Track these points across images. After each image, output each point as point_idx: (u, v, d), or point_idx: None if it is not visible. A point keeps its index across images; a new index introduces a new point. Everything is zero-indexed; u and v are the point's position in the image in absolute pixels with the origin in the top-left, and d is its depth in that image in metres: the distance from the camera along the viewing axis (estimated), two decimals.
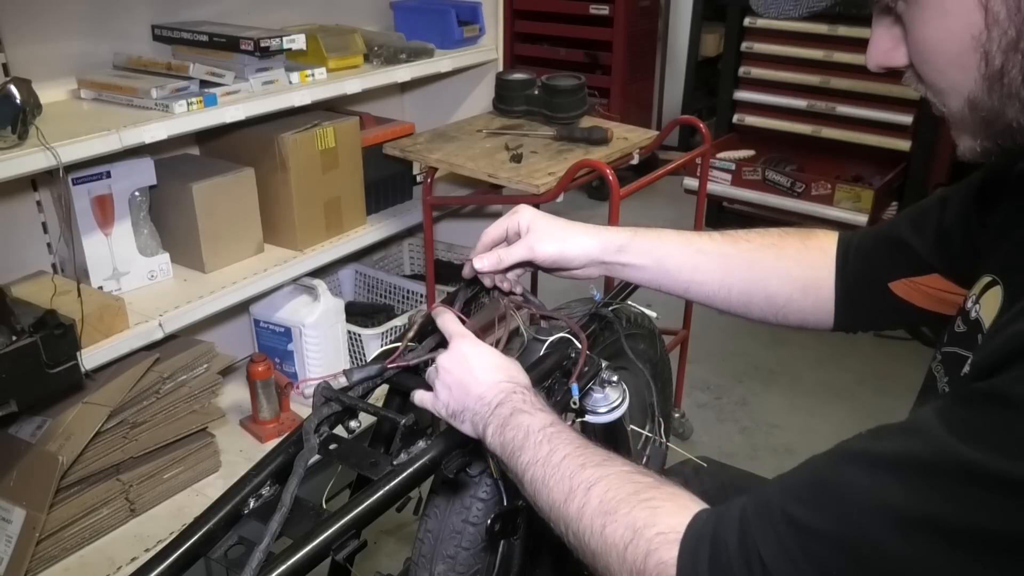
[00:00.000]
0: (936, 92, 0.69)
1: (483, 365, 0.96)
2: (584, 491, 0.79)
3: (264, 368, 2.06)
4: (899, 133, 3.08)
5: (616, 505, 0.76)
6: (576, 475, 0.80)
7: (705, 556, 0.68)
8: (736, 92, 3.42)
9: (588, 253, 1.09)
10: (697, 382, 2.87)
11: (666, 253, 1.08)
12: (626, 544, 0.73)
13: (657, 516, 0.74)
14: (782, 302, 1.06)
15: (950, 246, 0.91)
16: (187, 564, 0.96)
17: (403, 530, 2.11)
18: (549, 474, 0.82)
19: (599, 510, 0.77)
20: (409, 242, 2.88)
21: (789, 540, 0.64)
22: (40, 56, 1.76)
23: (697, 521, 0.71)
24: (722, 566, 0.67)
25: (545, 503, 0.82)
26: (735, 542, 0.67)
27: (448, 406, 0.97)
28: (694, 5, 4.74)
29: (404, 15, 2.47)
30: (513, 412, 0.90)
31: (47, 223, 1.88)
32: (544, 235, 1.09)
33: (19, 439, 1.67)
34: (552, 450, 0.84)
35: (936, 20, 0.64)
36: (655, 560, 0.71)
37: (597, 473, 0.80)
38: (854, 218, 3.03)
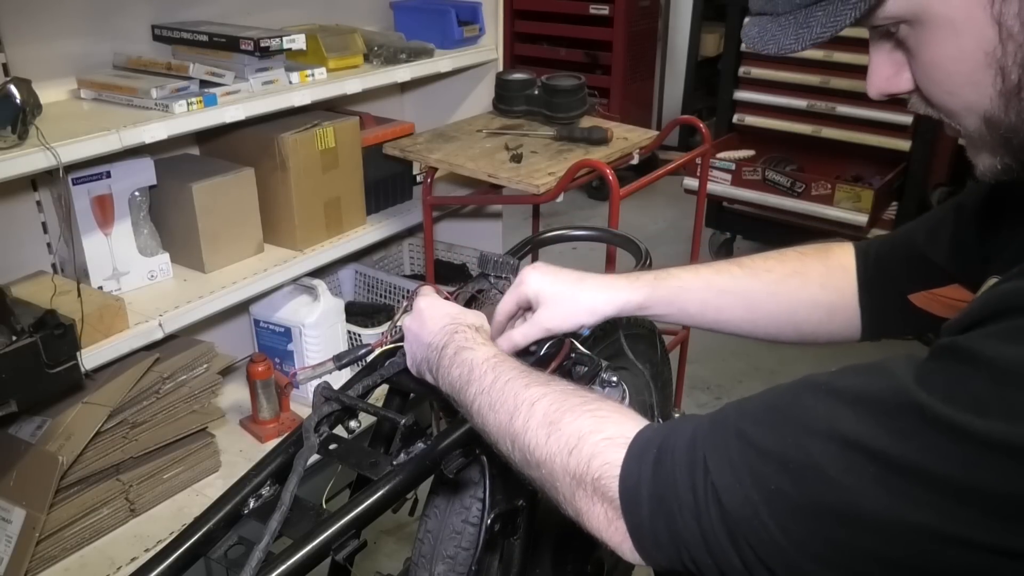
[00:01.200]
0: (948, 114, 0.67)
1: (432, 314, 0.99)
2: (528, 406, 0.79)
3: (264, 368, 2.06)
4: (899, 133, 3.08)
5: (561, 415, 0.76)
6: (520, 394, 0.81)
7: (650, 459, 0.68)
8: (736, 92, 3.42)
9: (604, 315, 1.04)
10: (697, 382, 2.87)
11: (688, 300, 1.05)
12: (570, 450, 0.73)
13: (604, 424, 0.74)
14: (811, 328, 1.04)
15: (966, 255, 0.89)
16: (187, 564, 0.96)
17: (403, 530, 2.11)
18: (495, 399, 0.83)
19: (543, 421, 0.77)
20: (409, 242, 2.88)
21: (736, 454, 0.64)
22: (40, 56, 1.76)
23: (647, 430, 0.72)
24: (666, 470, 0.67)
25: (493, 427, 0.83)
26: (683, 449, 0.67)
27: (415, 360, 1.01)
28: (694, 5, 4.75)
29: (404, 15, 2.47)
30: (457, 351, 0.92)
31: (47, 223, 1.88)
32: (556, 309, 1.03)
33: (19, 439, 1.67)
34: (496, 377, 0.85)
35: (946, 40, 0.63)
36: (599, 462, 0.71)
37: (542, 390, 0.80)
38: (854, 218, 3.03)
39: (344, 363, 1.15)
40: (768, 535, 0.61)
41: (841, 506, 0.58)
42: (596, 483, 0.71)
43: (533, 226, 2.77)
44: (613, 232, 1.56)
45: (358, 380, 1.15)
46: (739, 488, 0.63)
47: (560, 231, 1.54)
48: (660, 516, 0.66)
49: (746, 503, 0.62)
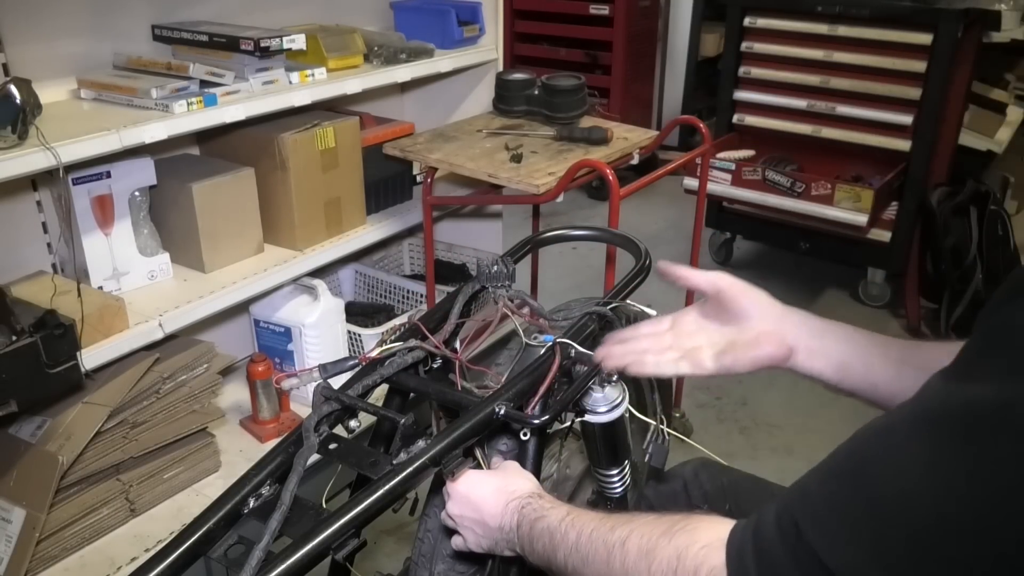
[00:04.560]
0: None
1: (484, 497, 0.99)
2: (620, 546, 0.81)
3: (264, 368, 2.06)
4: (899, 133, 3.07)
5: (655, 542, 0.78)
6: (608, 538, 0.83)
7: (750, 551, 0.70)
8: (736, 92, 3.42)
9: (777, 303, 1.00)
10: (697, 382, 2.86)
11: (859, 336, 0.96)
12: (674, 570, 0.75)
13: (696, 535, 0.76)
14: None
15: None
16: (187, 563, 0.96)
17: (403, 530, 2.11)
18: (584, 553, 0.85)
19: (640, 554, 0.79)
20: (409, 242, 2.88)
21: (821, 509, 0.66)
22: (40, 56, 1.76)
23: (737, 527, 0.74)
24: (766, 554, 0.68)
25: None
26: (773, 526, 0.69)
27: (482, 544, 1.00)
28: (694, 5, 4.75)
29: (404, 15, 2.47)
30: (532, 525, 0.93)
31: (47, 223, 1.88)
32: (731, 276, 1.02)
33: (19, 439, 1.67)
34: (579, 533, 0.87)
35: None
36: (705, 570, 0.73)
37: (626, 529, 0.82)
38: (854, 218, 3.03)
39: (330, 374, 1.15)
40: None
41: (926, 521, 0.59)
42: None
43: (533, 226, 2.77)
44: (613, 232, 1.56)
45: (358, 380, 1.16)
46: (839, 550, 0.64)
47: (560, 231, 1.54)
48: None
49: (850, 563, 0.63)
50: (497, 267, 1.29)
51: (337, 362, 1.15)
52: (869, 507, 0.62)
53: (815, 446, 0.75)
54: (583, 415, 1.14)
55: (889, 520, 0.61)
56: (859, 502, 0.63)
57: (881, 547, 0.61)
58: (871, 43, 3.04)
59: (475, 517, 0.99)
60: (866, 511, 0.62)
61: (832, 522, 0.64)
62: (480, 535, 1.00)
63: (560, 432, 1.37)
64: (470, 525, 1.00)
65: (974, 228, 3.22)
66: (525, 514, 0.94)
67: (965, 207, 3.22)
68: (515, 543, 0.95)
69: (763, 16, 3.25)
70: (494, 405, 1.05)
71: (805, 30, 3.16)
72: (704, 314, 1.04)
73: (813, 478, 0.69)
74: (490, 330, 1.23)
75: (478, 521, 0.99)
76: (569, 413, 1.18)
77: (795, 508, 0.68)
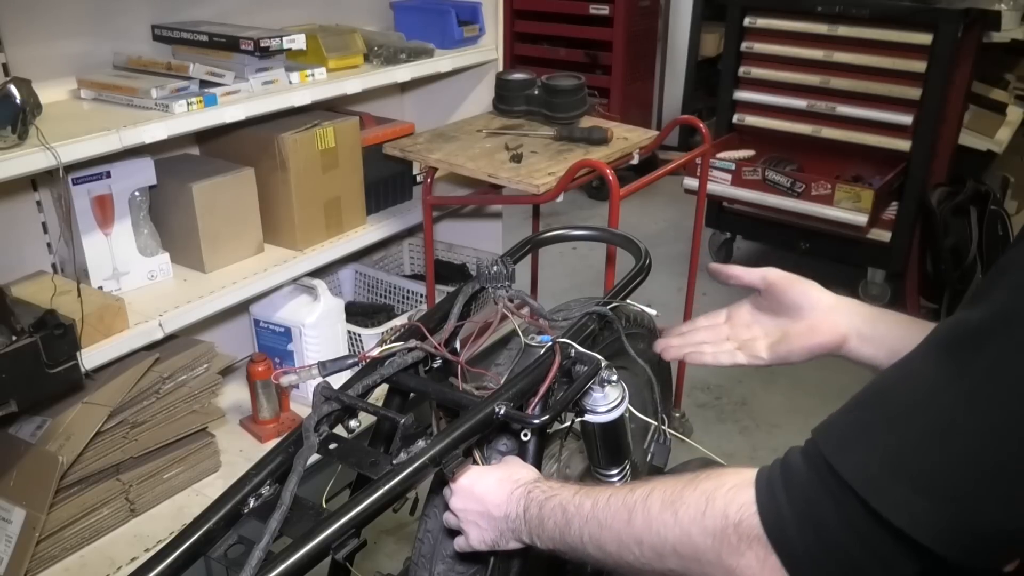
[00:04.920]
0: None
1: (488, 488, 0.98)
2: (642, 503, 0.80)
3: (264, 368, 2.06)
4: (899, 133, 3.08)
5: (679, 492, 0.78)
6: (627, 499, 0.82)
7: (780, 485, 0.71)
8: (736, 92, 3.42)
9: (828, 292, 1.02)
10: (697, 382, 2.87)
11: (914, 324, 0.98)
12: (703, 512, 0.75)
13: (723, 479, 0.76)
14: None
15: None
16: (187, 563, 0.96)
17: (403, 530, 2.11)
18: (603, 517, 0.84)
19: (664, 505, 0.78)
20: (409, 242, 2.88)
21: (846, 434, 0.68)
22: (40, 56, 1.76)
23: (764, 468, 0.74)
24: (797, 487, 0.69)
25: (611, 543, 0.83)
26: (802, 462, 0.70)
27: (486, 539, 0.99)
28: (694, 5, 4.75)
29: (404, 15, 2.47)
30: (541, 507, 0.92)
31: (47, 223, 1.88)
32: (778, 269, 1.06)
33: (19, 439, 1.67)
34: (595, 501, 0.86)
35: None
36: (735, 508, 0.72)
37: (648, 485, 0.82)
38: (854, 218, 3.03)
39: (329, 372, 1.14)
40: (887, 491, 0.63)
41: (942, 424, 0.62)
42: (739, 528, 0.72)
43: (533, 226, 2.77)
44: (613, 232, 1.56)
45: (358, 380, 1.16)
46: (855, 460, 0.66)
47: (560, 231, 1.54)
48: (809, 529, 0.68)
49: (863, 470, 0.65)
50: (497, 267, 1.29)
51: (336, 360, 1.15)
52: (887, 424, 0.65)
53: None
54: (583, 415, 1.14)
55: (905, 433, 0.64)
56: (877, 421, 0.66)
57: (892, 450, 0.64)
58: (871, 43, 3.04)
59: (479, 510, 0.98)
60: (883, 427, 0.65)
61: (852, 441, 0.67)
62: (484, 528, 0.98)
63: (560, 432, 1.37)
64: (474, 519, 0.99)
65: (974, 228, 3.22)
66: (533, 497, 0.93)
67: (965, 207, 3.22)
68: (522, 531, 0.94)
69: (763, 16, 3.25)
70: (494, 405, 1.05)
71: (805, 30, 3.16)
72: (757, 306, 1.09)
73: (837, 412, 0.71)
74: (490, 331, 1.22)
75: (482, 513, 0.98)
76: (569, 413, 1.18)
77: (820, 437, 0.70)
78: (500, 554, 1.03)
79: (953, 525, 0.61)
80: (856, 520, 0.65)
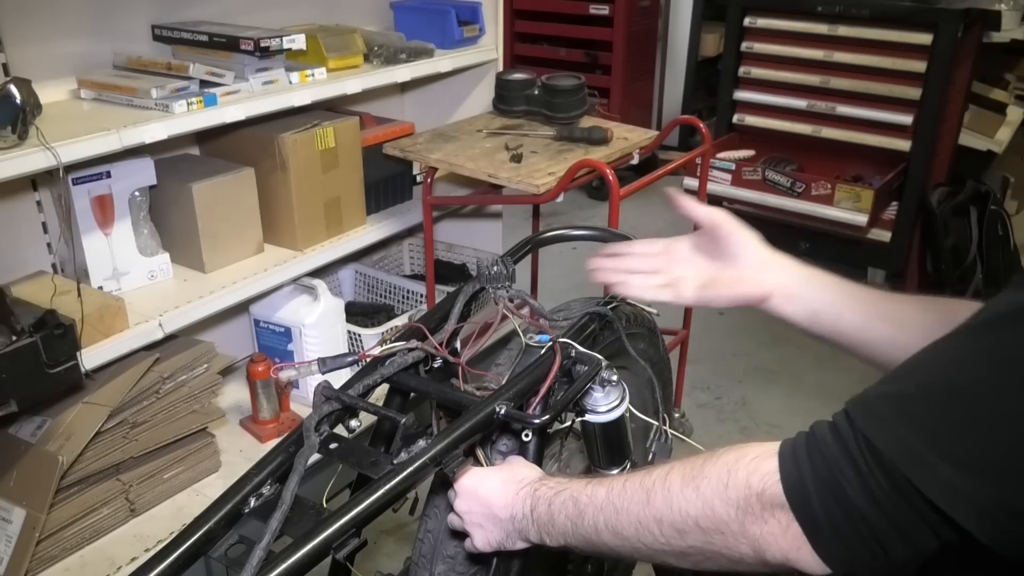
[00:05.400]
0: None
1: (492, 489, 0.97)
2: (662, 482, 0.80)
3: (264, 368, 2.06)
4: (899, 133, 3.08)
5: (699, 467, 0.78)
6: (645, 480, 0.82)
7: (803, 454, 0.71)
8: (736, 92, 3.42)
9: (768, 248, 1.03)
10: (697, 382, 2.87)
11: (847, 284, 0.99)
12: (725, 484, 0.75)
13: (744, 451, 0.76)
14: None
15: None
16: (187, 563, 0.96)
17: (403, 530, 2.11)
18: (619, 503, 0.83)
19: (684, 482, 0.78)
20: (409, 242, 2.88)
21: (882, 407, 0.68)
22: (40, 56, 1.76)
23: (788, 439, 0.74)
24: (821, 455, 0.69)
25: (629, 527, 0.82)
26: (830, 433, 0.70)
27: (491, 541, 0.98)
28: (694, 5, 4.75)
29: (404, 15, 2.47)
30: (550, 503, 0.91)
31: (47, 223, 1.88)
32: None
33: (19, 439, 1.67)
34: (609, 488, 0.86)
35: None
36: (758, 477, 0.72)
37: (665, 467, 0.81)
38: (854, 218, 3.03)
39: (328, 369, 1.14)
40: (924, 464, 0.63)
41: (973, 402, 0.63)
42: (762, 496, 0.72)
43: (533, 226, 2.78)
44: (613, 232, 1.56)
45: (358, 379, 1.15)
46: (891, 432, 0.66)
47: (560, 231, 1.54)
48: (830, 498, 0.68)
49: (900, 443, 0.65)
50: (497, 268, 1.29)
51: (336, 357, 1.15)
52: (929, 400, 0.65)
53: None
54: (583, 415, 1.14)
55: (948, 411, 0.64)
56: (919, 397, 0.66)
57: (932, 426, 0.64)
58: (871, 43, 3.04)
59: (484, 511, 0.97)
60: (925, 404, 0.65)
61: (886, 410, 0.67)
62: (490, 530, 0.98)
63: (560, 432, 1.37)
64: (479, 521, 0.98)
65: (974, 228, 3.22)
66: (540, 495, 0.93)
67: (965, 207, 3.22)
68: (529, 530, 0.93)
69: (763, 16, 3.25)
70: (495, 405, 1.05)
71: (805, 30, 3.17)
72: (696, 246, 1.08)
73: (872, 387, 0.71)
74: (490, 332, 1.22)
75: (487, 515, 0.97)
76: (570, 413, 1.18)
77: (850, 406, 0.70)
78: (503, 554, 1.03)
79: (994, 505, 0.61)
80: (880, 492, 0.66)
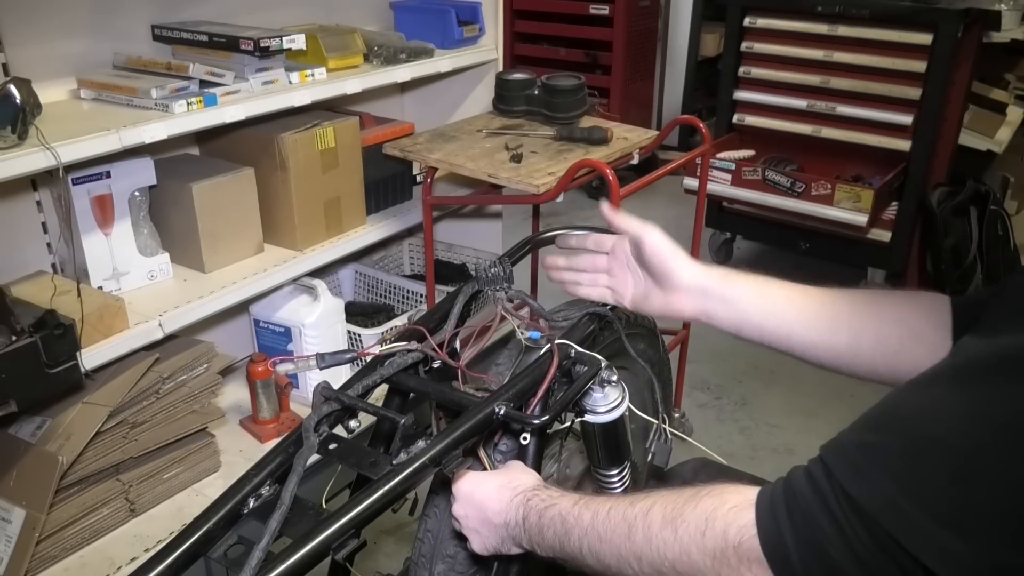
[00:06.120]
0: None
1: (488, 494, 0.98)
2: (643, 517, 0.80)
3: (264, 368, 2.06)
4: (899, 133, 3.08)
5: (680, 508, 0.78)
6: (627, 512, 0.82)
7: (782, 509, 0.70)
8: (736, 92, 3.42)
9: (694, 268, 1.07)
10: (697, 382, 2.87)
11: (770, 287, 1.04)
12: (702, 532, 0.74)
13: (724, 498, 0.75)
14: (894, 347, 0.96)
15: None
16: (187, 563, 0.96)
17: (403, 530, 2.11)
18: (602, 531, 0.84)
19: (664, 522, 0.78)
20: (409, 242, 2.88)
21: (860, 459, 0.67)
22: (40, 56, 1.76)
23: (766, 487, 0.74)
24: (801, 511, 0.69)
25: (611, 557, 0.83)
26: (807, 485, 0.70)
27: (488, 545, 0.99)
28: (694, 5, 4.75)
29: (404, 15, 2.47)
30: (540, 515, 0.92)
31: (47, 223, 1.88)
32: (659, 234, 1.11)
33: (19, 439, 1.67)
34: (595, 513, 0.86)
35: None
36: (735, 529, 0.72)
37: (648, 502, 0.81)
38: (854, 218, 3.03)
39: (327, 364, 1.14)
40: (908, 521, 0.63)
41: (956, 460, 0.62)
42: (738, 550, 0.72)
43: (533, 226, 2.78)
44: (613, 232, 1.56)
45: (358, 380, 1.15)
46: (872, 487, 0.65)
47: (560, 231, 1.53)
48: (811, 556, 0.67)
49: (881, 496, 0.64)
50: (495, 269, 1.29)
51: (335, 353, 1.15)
52: (904, 448, 0.65)
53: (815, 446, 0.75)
54: (583, 415, 1.14)
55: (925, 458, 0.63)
56: (894, 445, 0.65)
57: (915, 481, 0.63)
58: (871, 43, 3.04)
59: (479, 516, 0.98)
60: (905, 456, 0.64)
61: (865, 463, 0.66)
62: (486, 535, 0.98)
63: (560, 432, 1.37)
64: (475, 526, 0.99)
65: (974, 228, 3.22)
66: (532, 505, 0.93)
67: (965, 207, 3.22)
68: (522, 538, 0.94)
69: (763, 16, 3.25)
70: (494, 405, 1.04)
71: (805, 30, 3.16)
72: (634, 254, 1.14)
73: (846, 433, 0.70)
74: (489, 334, 1.22)
75: (483, 520, 0.98)
76: (569, 413, 1.18)
77: (828, 456, 0.69)
78: (502, 556, 1.03)
79: (981, 565, 0.60)
80: (862, 549, 0.64)
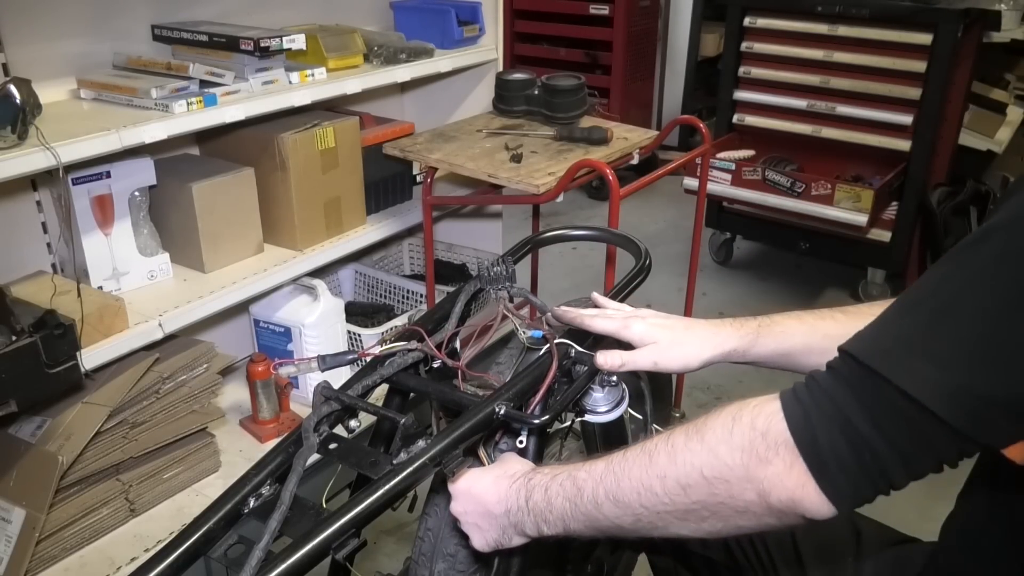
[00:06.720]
0: None
1: (486, 487, 0.97)
2: (664, 442, 0.82)
3: (264, 368, 2.06)
4: (899, 133, 3.07)
5: (702, 423, 0.80)
6: (646, 445, 0.83)
7: (804, 394, 0.75)
8: (736, 92, 3.42)
9: (711, 360, 1.08)
10: (697, 382, 2.86)
11: (792, 347, 1.06)
12: (730, 430, 0.77)
13: (746, 401, 0.79)
14: None
15: None
16: (187, 563, 0.96)
17: (403, 529, 2.11)
18: (620, 469, 0.84)
19: (688, 436, 0.80)
20: (409, 242, 2.88)
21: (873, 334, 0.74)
22: (40, 56, 1.76)
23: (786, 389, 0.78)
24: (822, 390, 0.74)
25: (630, 492, 0.83)
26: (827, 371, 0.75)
27: (488, 540, 0.98)
28: (694, 5, 4.75)
29: (404, 15, 2.47)
30: (546, 488, 0.91)
31: (47, 223, 1.88)
32: (668, 351, 1.08)
33: (19, 439, 1.67)
34: (609, 459, 0.86)
35: None
36: (762, 419, 0.75)
37: (666, 432, 0.83)
38: (854, 218, 3.03)
39: (328, 366, 1.14)
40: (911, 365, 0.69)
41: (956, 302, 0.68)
42: (766, 435, 0.75)
43: (533, 226, 2.78)
44: (613, 232, 1.56)
45: (358, 380, 1.15)
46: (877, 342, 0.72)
47: (560, 231, 1.54)
48: (834, 429, 0.72)
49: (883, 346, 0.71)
50: (497, 268, 1.29)
51: (336, 355, 1.15)
52: (901, 313, 0.73)
53: None
54: (583, 415, 1.14)
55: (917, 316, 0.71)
56: (905, 320, 0.72)
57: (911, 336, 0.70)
58: (871, 43, 3.04)
59: (479, 510, 0.97)
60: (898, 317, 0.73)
61: (870, 331, 0.74)
62: (486, 529, 0.97)
63: (560, 432, 1.37)
64: (475, 521, 0.98)
65: (974, 228, 3.21)
66: (534, 483, 0.93)
67: (965, 207, 3.22)
68: (525, 523, 0.93)
69: (763, 16, 3.25)
70: (494, 405, 1.05)
71: (805, 30, 3.16)
72: None
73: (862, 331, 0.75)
74: (490, 333, 1.22)
75: (482, 513, 0.97)
76: (569, 413, 1.18)
77: (846, 346, 0.74)
78: (503, 553, 1.03)
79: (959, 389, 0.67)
80: (877, 408, 0.70)
